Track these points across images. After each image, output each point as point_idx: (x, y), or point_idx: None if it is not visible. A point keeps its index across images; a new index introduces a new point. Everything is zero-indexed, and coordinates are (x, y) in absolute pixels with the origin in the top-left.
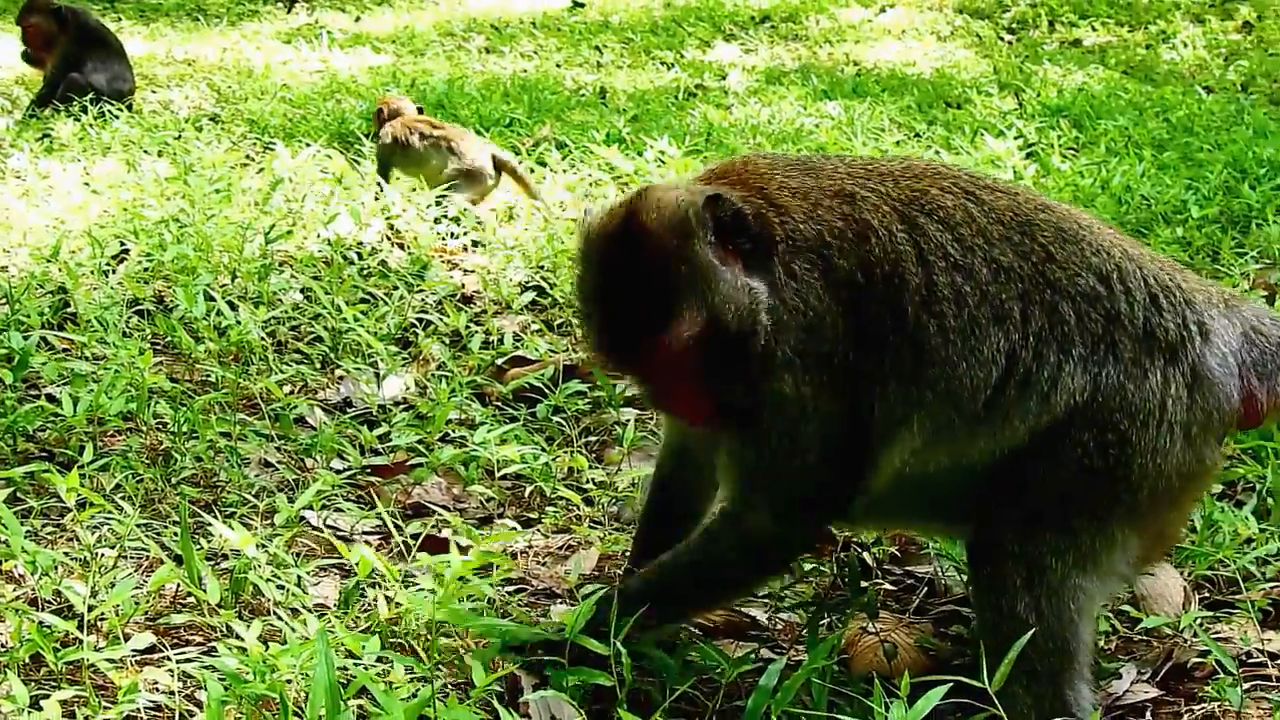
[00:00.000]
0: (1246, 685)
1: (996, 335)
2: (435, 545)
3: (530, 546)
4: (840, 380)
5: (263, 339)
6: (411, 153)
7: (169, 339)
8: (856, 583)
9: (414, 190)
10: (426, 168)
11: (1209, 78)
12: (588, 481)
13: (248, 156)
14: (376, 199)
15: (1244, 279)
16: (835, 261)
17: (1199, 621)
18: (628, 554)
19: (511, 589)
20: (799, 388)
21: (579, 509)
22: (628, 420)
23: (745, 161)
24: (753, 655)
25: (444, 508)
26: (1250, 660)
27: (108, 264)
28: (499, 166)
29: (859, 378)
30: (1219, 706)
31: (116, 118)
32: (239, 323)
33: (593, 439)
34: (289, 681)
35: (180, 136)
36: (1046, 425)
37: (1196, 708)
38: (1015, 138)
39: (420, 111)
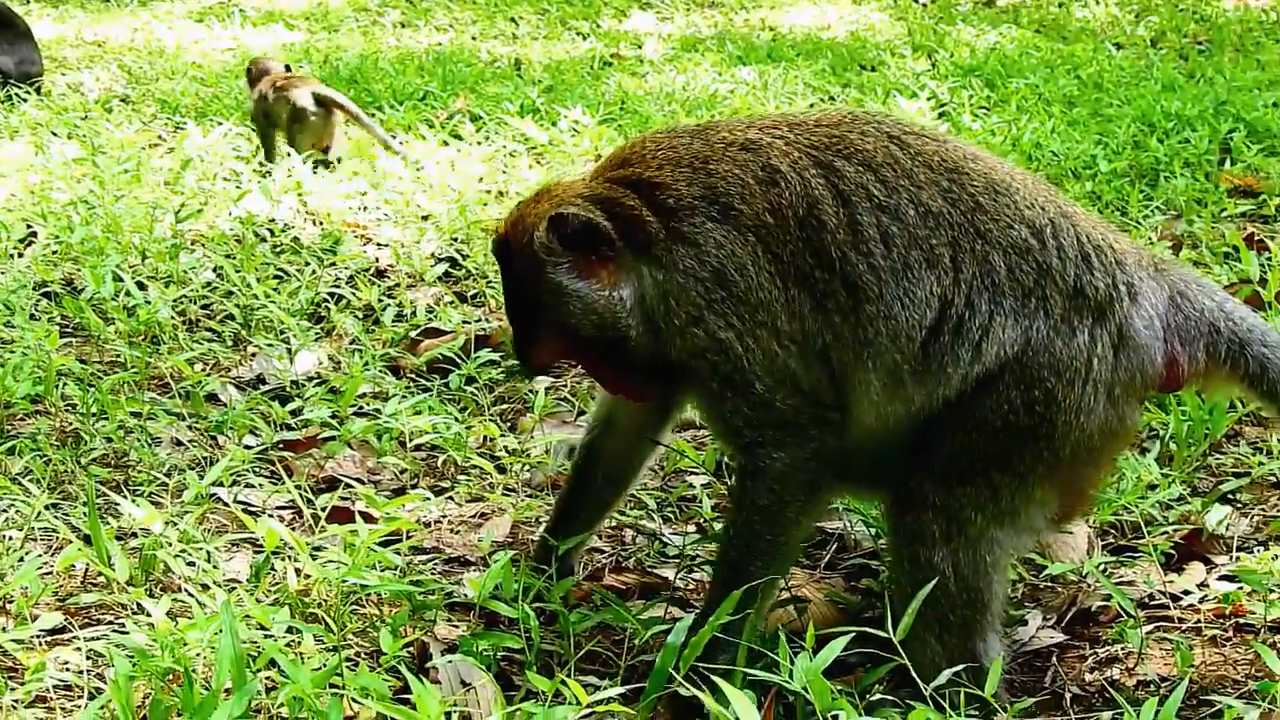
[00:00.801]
0: (1149, 627)
1: (929, 278)
2: (346, 517)
3: (444, 515)
4: (773, 313)
5: (173, 318)
6: (270, 109)
7: (78, 321)
8: None
9: (326, 164)
10: (280, 122)
11: (1120, 34)
12: (501, 450)
13: (159, 137)
14: (290, 175)
15: (1152, 231)
16: (736, 208)
17: (1103, 567)
18: (542, 520)
19: (425, 558)
20: (717, 335)
21: (492, 477)
22: (540, 389)
23: (637, 144)
24: (664, 615)
25: (357, 480)
26: (1152, 603)
27: (14, 248)
28: (324, 103)
29: (799, 315)
30: (1122, 649)
31: (24, 101)
32: (148, 302)
33: (506, 408)
34: (197, 655)
35: (89, 118)
36: (977, 377)
37: (1101, 650)
38: (928, 98)
39: (288, 69)
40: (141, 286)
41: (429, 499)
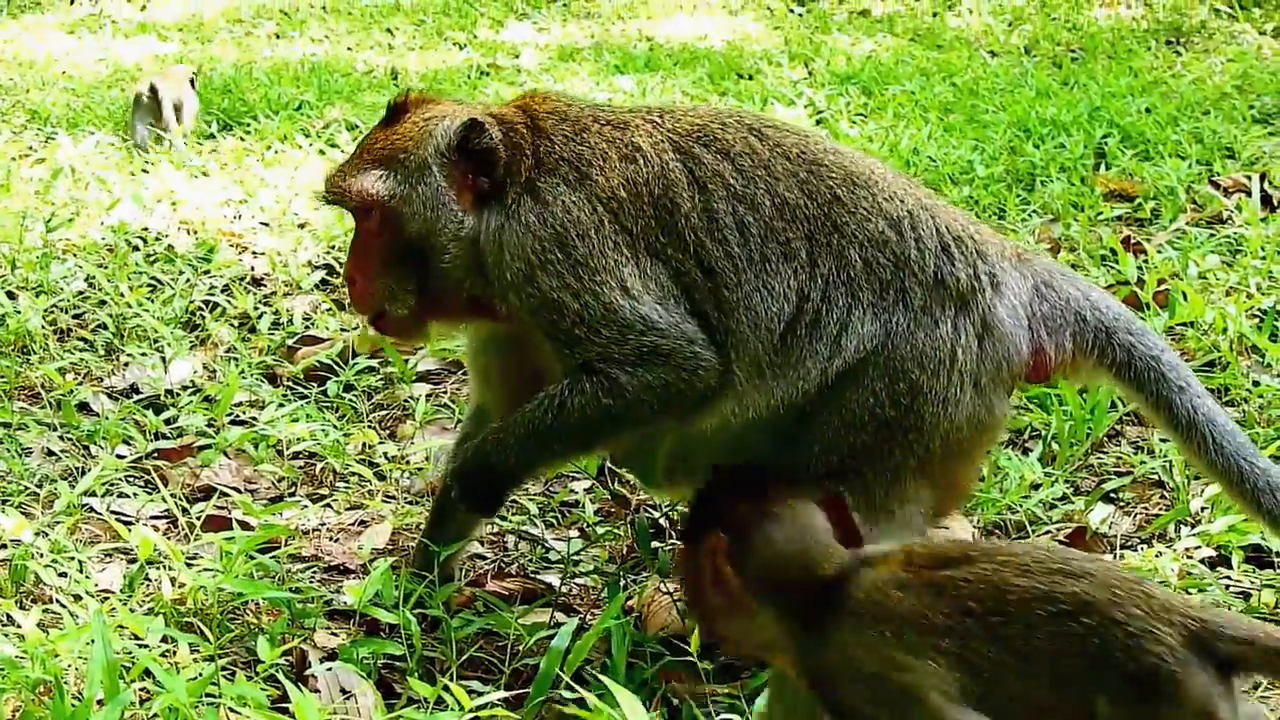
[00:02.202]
0: None
1: (786, 272)
2: (222, 525)
3: (323, 523)
4: (618, 276)
5: (44, 328)
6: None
7: None
8: (648, 545)
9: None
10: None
11: (994, 42)
12: (380, 456)
13: (29, 148)
14: (163, 184)
15: (1030, 235)
16: (593, 178)
17: None
18: (421, 526)
19: (304, 566)
20: (549, 295)
21: (371, 484)
22: (420, 395)
23: (543, 95)
24: (548, 620)
25: (234, 489)
26: None
27: None
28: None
29: (654, 278)
30: None
31: None
32: (19, 312)
33: (385, 414)
34: (69, 666)
35: None
36: (838, 372)
37: None
38: (806, 106)
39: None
40: (11, 296)
41: (307, 506)
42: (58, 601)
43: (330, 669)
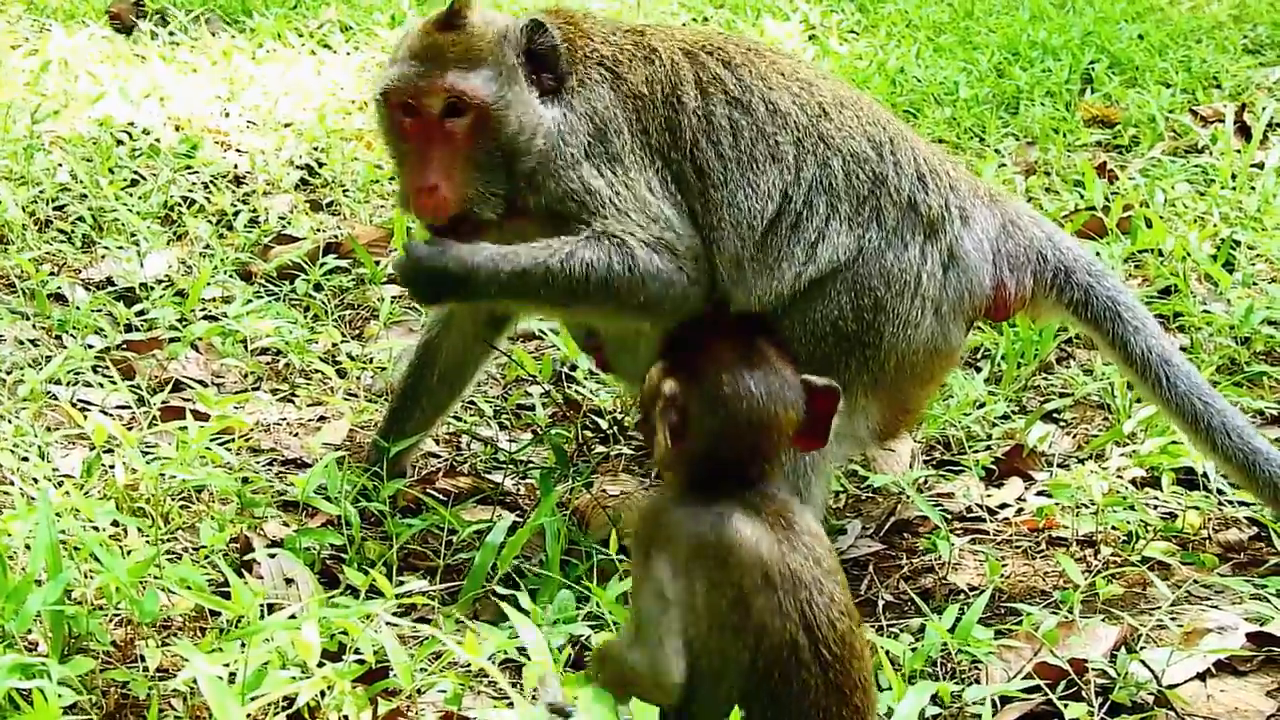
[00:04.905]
0: (965, 539)
1: (772, 172)
2: (181, 417)
3: (284, 418)
4: (645, 177)
5: (23, 219)
6: None
7: None
8: (565, 460)
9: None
10: None
11: None
12: (344, 356)
13: (24, 38)
14: (152, 80)
15: (1006, 157)
16: (623, 75)
17: (924, 480)
18: (377, 424)
19: (262, 459)
20: (588, 181)
21: (333, 382)
22: (387, 296)
23: (568, 11)
24: (491, 516)
25: (200, 382)
26: (970, 515)
27: None
28: None
29: (665, 184)
30: (935, 559)
31: None
32: None
33: (353, 315)
34: (25, 547)
35: None
36: (810, 280)
37: (916, 560)
38: (800, 21)
39: None
40: None
41: (269, 402)
42: (14, 483)
43: (274, 555)
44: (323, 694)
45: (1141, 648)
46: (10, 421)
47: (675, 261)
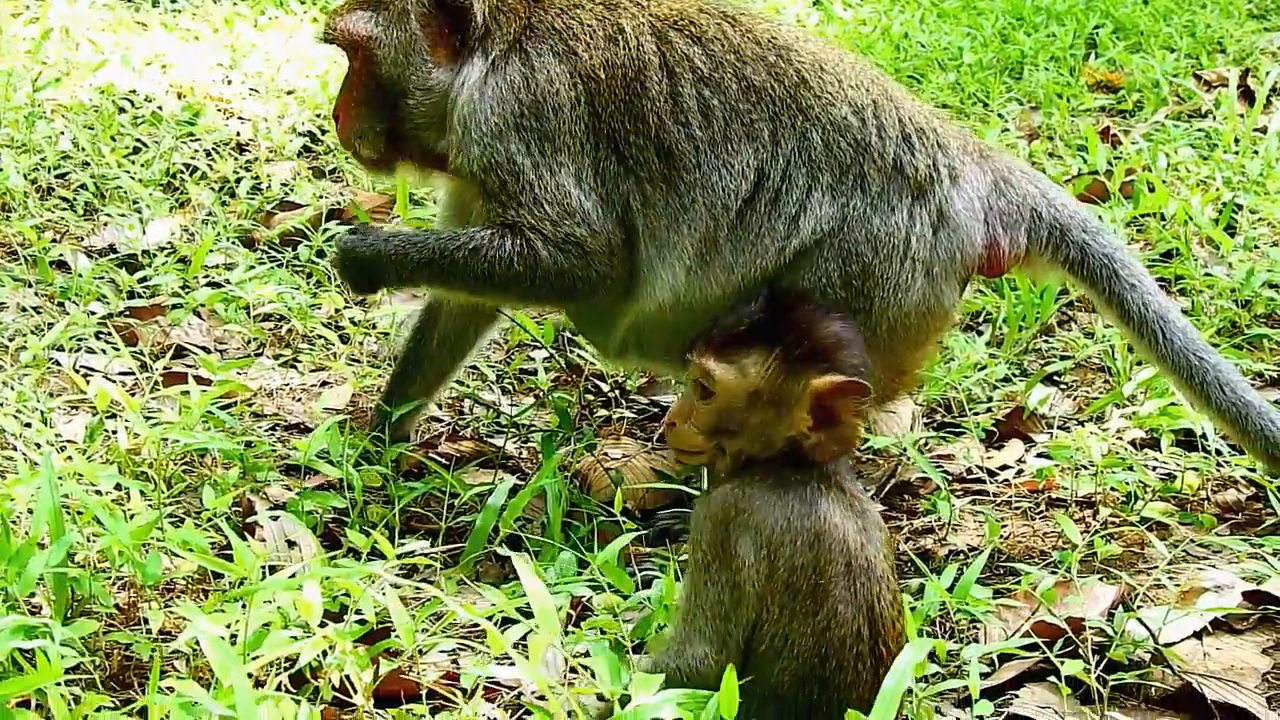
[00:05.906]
0: (965, 500)
1: (747, 150)
2: (184, 382)
3: (286, 383)
4: (577, 163)
5: (26, 187)
6: None
7: None
8: (569, 421)
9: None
10: None
11: None
12: (347, 321)
13: (25, 5)
14: (154, 48)
15: (1010, 122)
16: (580, 54)
17: (925, 441)
18: (381, 389)
19: (265, 424)
20: (514, 156)
21: (336, 347)
22: None
23: None
24: (493, 480)
25: (203, 349)
26: (970, 477)
27: None
28: None
29: (603, 174)
30: (935, 520)
31: None
32: (0, 169)
33: None
34: (29, 511)
35: None
36: (795, 252)
37: (916, 521)
38: None
39: None
40: None
41: (272, 367)
42: (17, 449)
43: (277, 518)
44: (324, 654)
45: (1139, 607)
46: (13, 388)
47: (583, 259)
